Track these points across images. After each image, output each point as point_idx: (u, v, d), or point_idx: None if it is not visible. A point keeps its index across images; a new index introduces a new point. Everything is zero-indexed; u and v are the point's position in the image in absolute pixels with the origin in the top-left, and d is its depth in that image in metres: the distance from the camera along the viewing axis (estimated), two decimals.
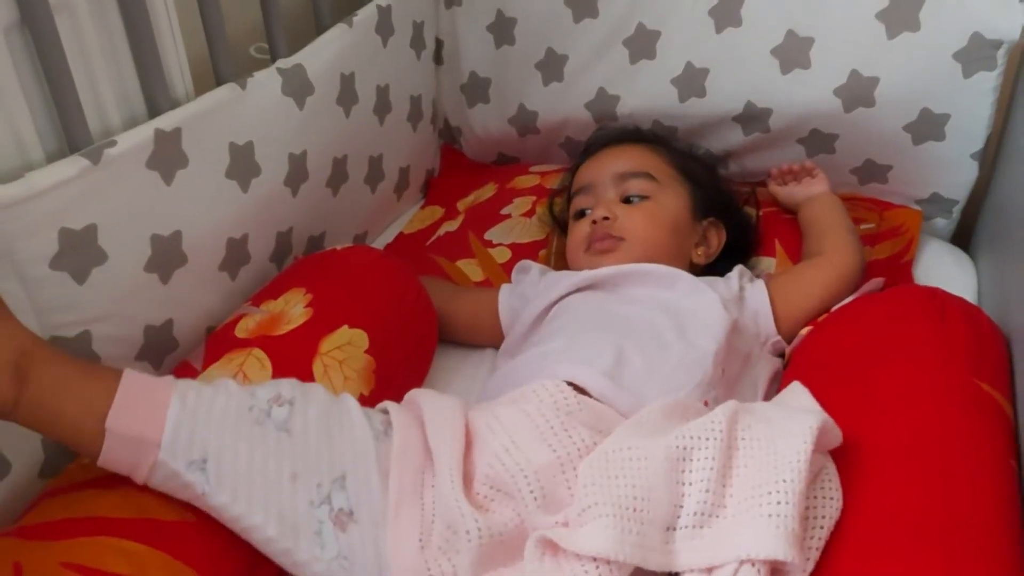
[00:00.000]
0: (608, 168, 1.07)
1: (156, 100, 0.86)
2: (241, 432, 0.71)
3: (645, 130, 1.22)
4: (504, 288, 1.07)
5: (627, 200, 1.04)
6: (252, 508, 0.69)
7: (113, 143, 0.79)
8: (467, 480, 0.73)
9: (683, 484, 0.68)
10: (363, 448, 0.73)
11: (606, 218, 1.02)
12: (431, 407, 0.78)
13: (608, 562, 0.64)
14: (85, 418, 0.68)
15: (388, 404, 0.79)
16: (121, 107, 0.84)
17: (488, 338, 1.06)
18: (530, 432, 0.74)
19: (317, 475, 0.71)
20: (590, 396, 0.81)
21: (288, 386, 0.75)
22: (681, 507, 0.68)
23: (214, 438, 0.70)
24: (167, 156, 0.85)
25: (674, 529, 0.67)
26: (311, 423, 0.73)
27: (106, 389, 0.69)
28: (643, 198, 1.03)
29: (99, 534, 0.68)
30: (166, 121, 0.84)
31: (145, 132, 0.83)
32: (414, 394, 0.82)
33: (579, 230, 1.05)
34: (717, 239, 1.07)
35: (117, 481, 0.72)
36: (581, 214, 1.06)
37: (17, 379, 0.66)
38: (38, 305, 0.76)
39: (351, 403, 0.77)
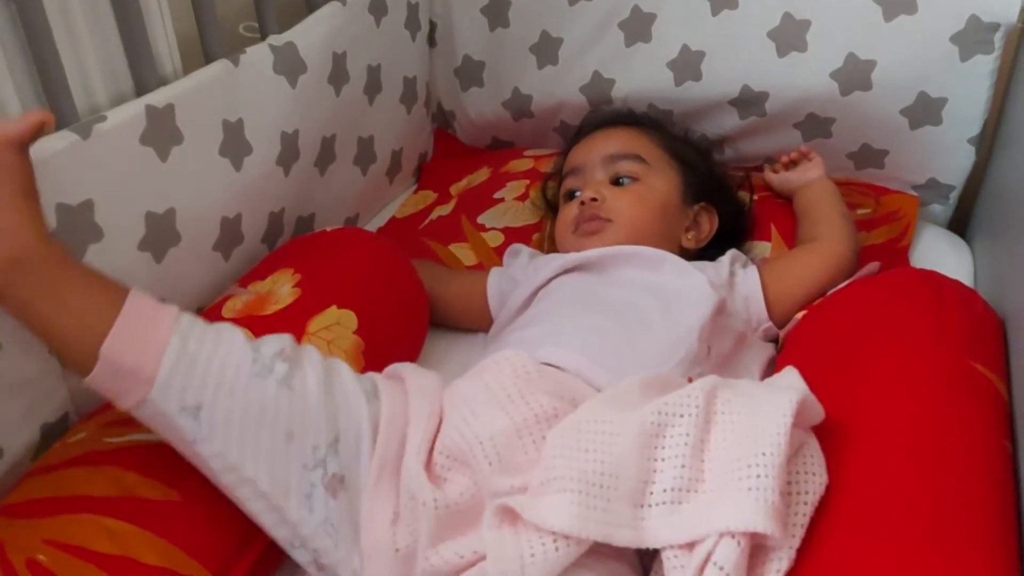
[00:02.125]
0: (598, 150, 1.06)
1: (144, 77, 0.85)
2: (239, 382, 0.69)
3: (638, 113, 1.21)
4: (494, 271, 1.06)
5: (616, 182, 1.03)
6: (245, 460, 0.68)
7: (103, 118, 0.78)
8: (430, 454, 0.73)
9: (656, 460, 0.67)
10: (356, 411, 0.73)
11: (594, 199, 1.01)
12: (414, 382, 0.78)
13: (567, 537, 0.63)
14: (80, 334, 0.65)
15: (373, 375, 0.79)
16: (108, 84, 0.83)
17: (478, 321, 1.06)
18: (487, 401, 0.74)
19: (314, 436, 0.70)
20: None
21: (289, 342, 0.74)
22: (653, 483, 0.67)
23: (211, 386, 0.67)
24: (161, 132, 0.84)
25: (649, 506, 0.66)
26: (311, 383, 0.72)
27: (108, 308, 0.66)
28: (632, 180, 1.03)
29: (83, 512, 0.67)
30: (158, 97, 0.83)
31: (136, 108, 0.82)
32: (397, 367, 0.81)
33: (567, 211, 1.04)
34: (709, 224, 1.06)
35: (102, 459, 0.72)
36: (571, 196, 1.06)
37: (12, 270, 0.64)
38: None
39: (342, 366, 0.76)
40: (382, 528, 0.71)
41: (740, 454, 0.66)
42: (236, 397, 0.68)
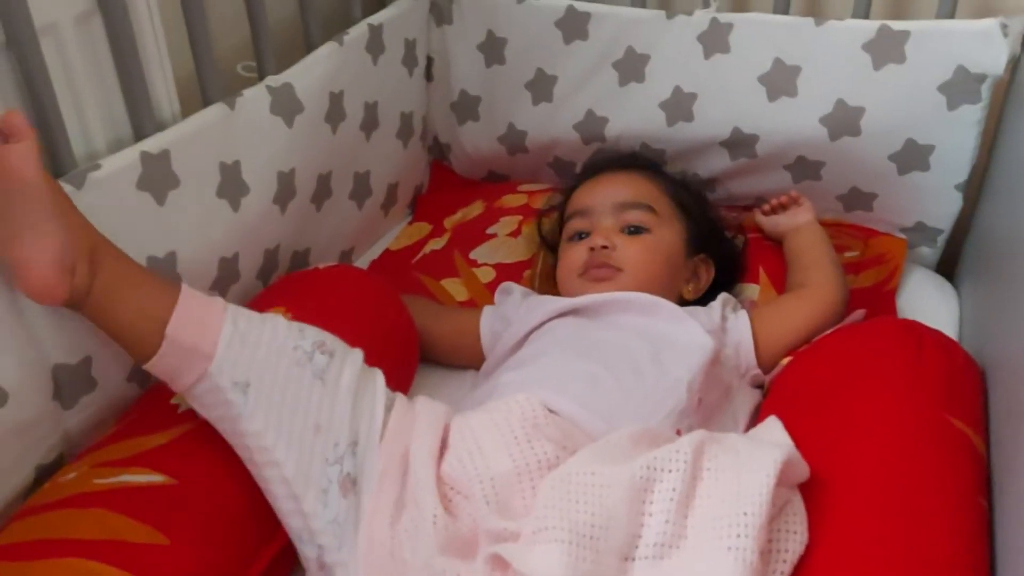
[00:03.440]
0: (608, 195, 1.06)
1: (142, 122, 0.86)
2: (282, 367, 0.75)
3: (643, 156, 1.21)
4: (486, 310, 1.08)
5: (626, 230, 1.03)
6: (279, 443, 0.73)
7: (98, 167, 0.80)
8: (438, 476, 0.77)
9: (644, 515, 0.69)
10: (376, 419, 0.78)
11: (605, 247, 1.01)
12: (423, 404, 0.83)
13: None
14: (145, 319, 0.73)
15: (395, 393, 0.83)
16: (106, 129, 0.85)
17: (469, 359, 1.07)
18: (495, 440, 0.77)
19: (337, 433, 0.75)
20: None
21: (332, 338, 0.80)
22: (640, 537, 0.68)
23: (259, 365, 0.74)
24: (158, 177, 0.85)
25: (635, 559, 0.67)
26: (344, 381, 0.77)
27: (168, 295, 0.74)
28: (643, 230, 1.03)
29: (69, 556, 0.68)
30: (153, 143, 0.84)
31: (131, 155, 0.83)
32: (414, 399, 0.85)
33: (574, 254, 1.04)
34: (706, 275, 1.07)
35: (90, 501, 0.73)
36: (577, 237, 1.06)
37: (92, 268, 0.72)
38: (36, 335, 0.76)
39: (379, 377, 0.81)
40: (382, 528, 0.73)
41: (723, 512, 0.67)
42: (278, 379, 0.74)
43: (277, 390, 0.74)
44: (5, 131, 0.69)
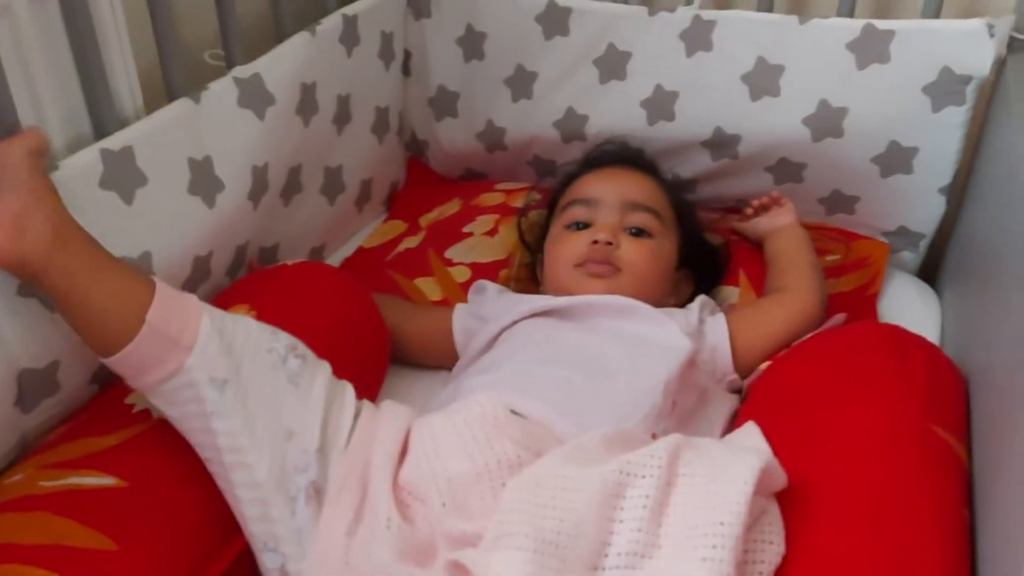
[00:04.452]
0: (618, 190, 1.03)
1: (103, 118, 0.83)
2: (258, 368, 0.73)
3: (648, 158, 1.17)
4: (459, 308, 1.05)
5: (629, 231, 1.01)
6: (253, 445, 0.71)
7: (55, 167, 0.77)
8: (395, 482, 0.75)
9: (614, 521, 0.66)
10: (344, 429, 0.76)
11: (609, 243, 0.99)
12: (387, 409, 0.81)
13: None
14: (121, 306, 0.70)
15: (363, 401, 0.81)
16: (66, 127, 0.81)
17: (442, 359, 1.04)
18: (453, 441, 0.74)
19: (306, 440, 0.73)
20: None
21: (301, 343, 0.78)
22: (609, 545, 0.66)
23: (236, 364, 0.72)
24: (122, 175, 0.82)
25: (603, 569, 0.65)
26: (316, 388, 0.75)
27: (143, 284, 0.72)
28: (646, 234, 1.01)
29: (11, 562, 0.65)
30: (114, 141, 0.81)
31: (91, 154, 0.80)
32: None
33: (572, 244, 1.01)
34: (687, 289, 1.06)
35: (35, 504, 0.69)
36: (575, 226, 1.03)
37: (56, 240, 0.69)
38: (4, 338, 0.73)
39: (349, 388, 0.79)
40: (337, 538, 0.71)
41: (698, 521, 0.65)
42: (254, 380, 0.72)
43: (253, 391, 0.72)
44: None
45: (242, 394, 0.71)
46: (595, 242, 0.99)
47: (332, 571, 0.70)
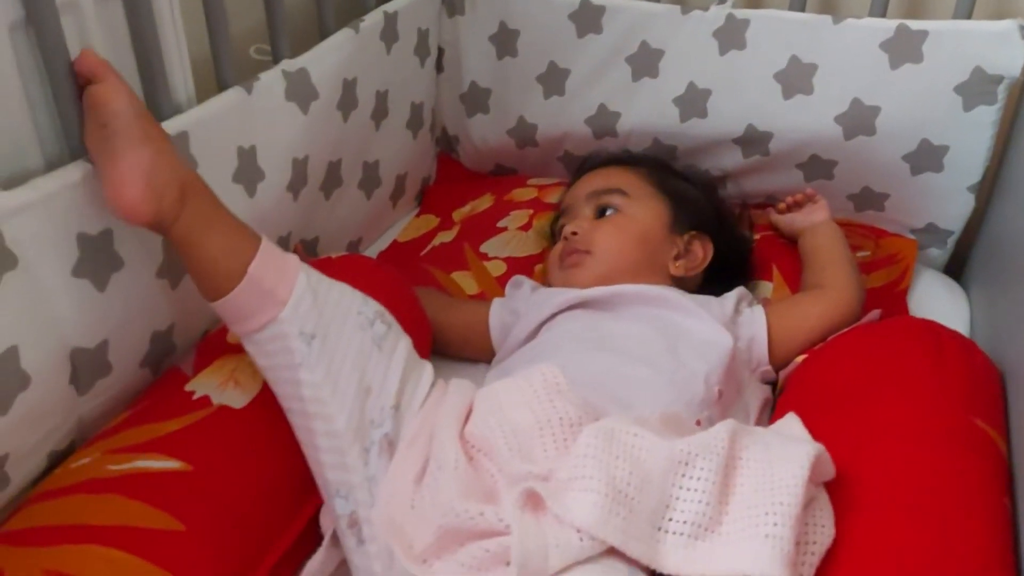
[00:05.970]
0: (584, 189, 1.08)
1: (159, 104, 0.84)
2: (347, 327, 0.78)
3: (631, 153, 1.21)
4: (496, 302, 1.07)
5: (595, 214, 1.05)
6: (335, 397, 0.75)
7: None
8: (461, 435, 0.78)
9: (678, 487, 0.69)
10: (421, 391, 0.81)
11: (574, 233, 1.03)
12: (456, 382, 0.85)
13: (591, 537, 0.65)
14: (229, 256, 0.75)
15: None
16: None
17: (480, 352, 1.06)
18: (516, 398, 0.78)
19: (384, 398, 0.78)
20: None
21: (389, 312, 0.83)
22: (672, 510, 0.68)
23: (326, 321, 0.76)
24: None
25: (665, 531, 0.67)
26: (398, 352, 0.80)
27: (251, 239, 0.77)
28: (612, 210, 1.04)
29: (84, 542, 0.67)
30: (171, 125, 0.83)
31: None
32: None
33: (555, 248, 1.07)
34: (702, 252, 1.06)
35: (105, 487, 0.71)
36: (563, 236, 1.07)
37: (182, 198, 0.74)
38: (57, 315, 0.74)
39: (428, 366, 0.84)
40: (405, 484, 0.75)
41: (758, 501, 0.67)
42: (342, 337, 0.77)
43: (340, 347, 0.76)
44: (87, 74, 0.72)
45: (329, 349, 0.76)
46: (566, 239, 1.04)
47: (397, 514, 0.73)
